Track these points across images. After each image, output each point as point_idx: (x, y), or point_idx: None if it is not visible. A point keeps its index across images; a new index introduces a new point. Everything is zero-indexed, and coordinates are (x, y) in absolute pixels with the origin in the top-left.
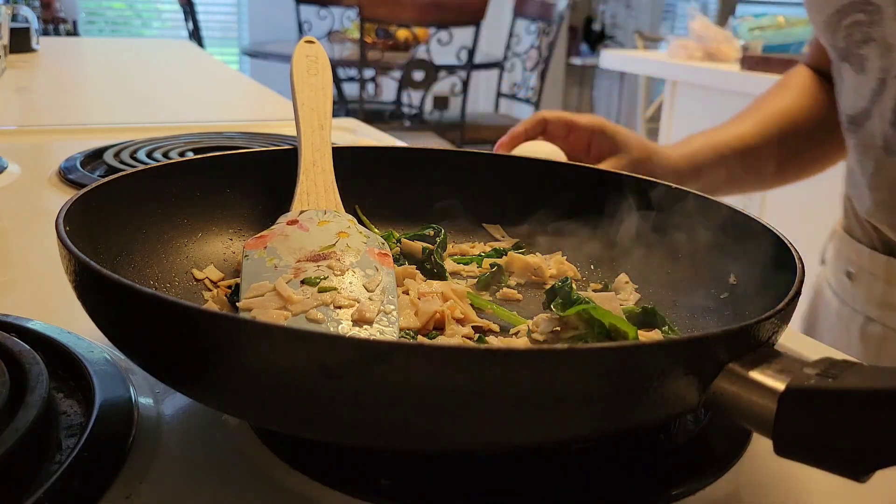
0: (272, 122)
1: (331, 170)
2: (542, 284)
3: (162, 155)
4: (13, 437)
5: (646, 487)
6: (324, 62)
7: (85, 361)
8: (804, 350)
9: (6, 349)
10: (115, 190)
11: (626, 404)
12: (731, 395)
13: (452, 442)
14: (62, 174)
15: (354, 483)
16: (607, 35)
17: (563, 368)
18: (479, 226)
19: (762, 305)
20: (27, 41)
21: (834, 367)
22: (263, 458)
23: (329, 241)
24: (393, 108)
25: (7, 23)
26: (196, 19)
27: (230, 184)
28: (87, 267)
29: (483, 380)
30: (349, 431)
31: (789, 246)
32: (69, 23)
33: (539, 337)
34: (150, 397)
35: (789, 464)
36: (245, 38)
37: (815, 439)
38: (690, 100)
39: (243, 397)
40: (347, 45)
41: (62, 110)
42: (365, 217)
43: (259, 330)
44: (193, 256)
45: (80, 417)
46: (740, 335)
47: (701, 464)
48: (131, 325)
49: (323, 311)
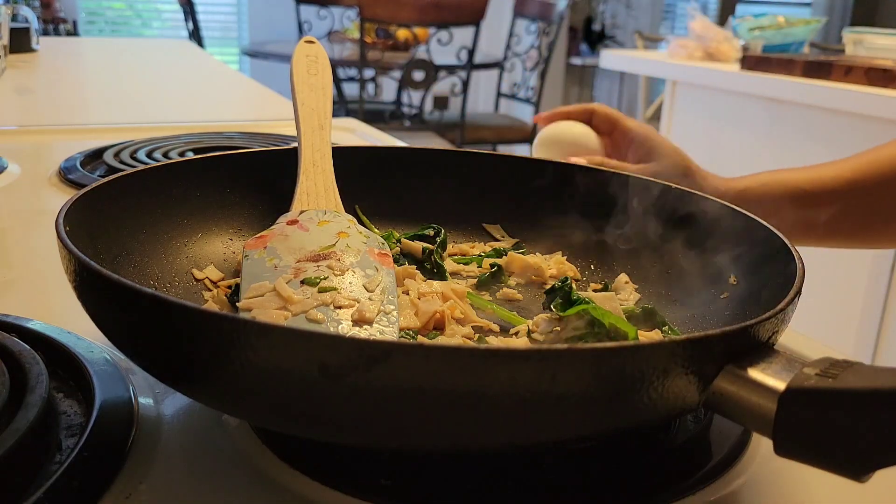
0: (272, 122)
1: (331, 170)
2: (542, 284)
3: (162, 155)
4: (13, 437)
5: (646, 487)
6: (324, 62)
7: (85, 361)
8: (804, 350)
9: (6, 349)
10: (115, 190)
11: (627, 404)
12: (731, 395)
13: (452, 442)
14: (62, 174)
15: (354, 483)
16: (607, 35)
17: (563, 368)
18: (479, 226)
19: (762, 305)
20: (27, 41)
21: (834, 367)
22: (263, 458)
23: (329, 241)
24: (393, 108)
25: (7, 23)
26: (196, 19)
27: (230, 184)
28: (87, 267)
29: (483, 380)
30: (349, 431)
31: (789, 246)
32: (69, 23)
33: (539, 337)
34: (150, 397)
35: (789, 464)
36: (245, 38)
37: (815, 439)
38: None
39: (243, 397)
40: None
41: (62, 110)
42: (365, 217)
43: (259, 330)
44: (193, 256)
45: (80, 417)
46: (740, 335)
47: (701, 464)
48: (131, 325)
49: (323, 311)
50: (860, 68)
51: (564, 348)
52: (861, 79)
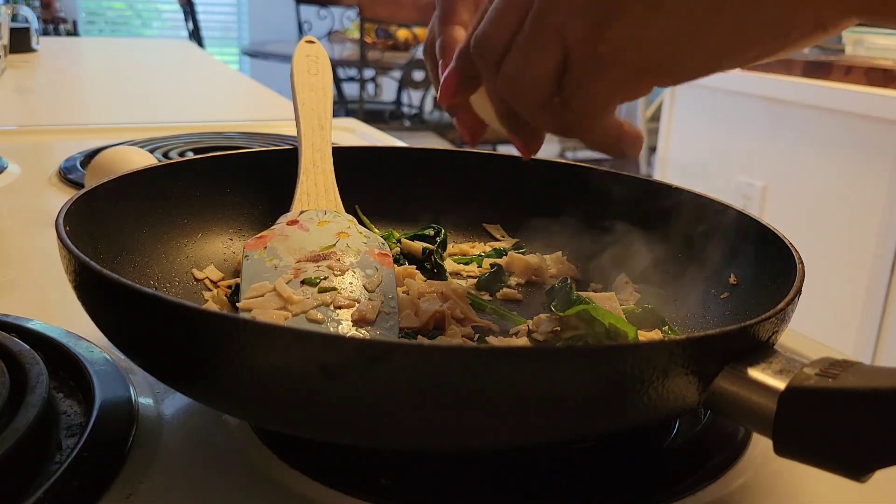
0: (272, 122)
1: (331, 170)
2: (542, 284)
3: (162, 155)
4: (13, 437)
5: (646, 487)
6: (324, 62)
7: (85, 361)
8: (804, 350)
9: (6, 349)
10: (115, 190)
11: (626, 404)
12: (731, 395)
13: (453, 442)
14: (62, 174)
15: (354, 483)
16: None
17: (563, 368)
18: (479, 226)
19: (762, 305)
20: (27, 41)
21: (834, 366)
22: (263, 458)
23: (329, 241)
24: (393, 108)
25: (7, 23)
26: (196, 19)
27: (230, 184)
28: (88, 267)
29: (483, 380)
30: (350, 431)
31: (789, 246)
32: (69, 23)
33: (539, 337)
34: (150, 397)
35: (789, 464)
36: (245, 38)
37: (815, 439)
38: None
39: (244, 397)
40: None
41: (62, 110)
42: (365, 217)
43: (260, 330)
44: (193, 256)
45: (80, 417)
46: (740, 335)
47: (701, 464)
48: (132, 325)
49: (323, 311)
50: (860, 68)
51: (564, 348)
52: (861, 79)
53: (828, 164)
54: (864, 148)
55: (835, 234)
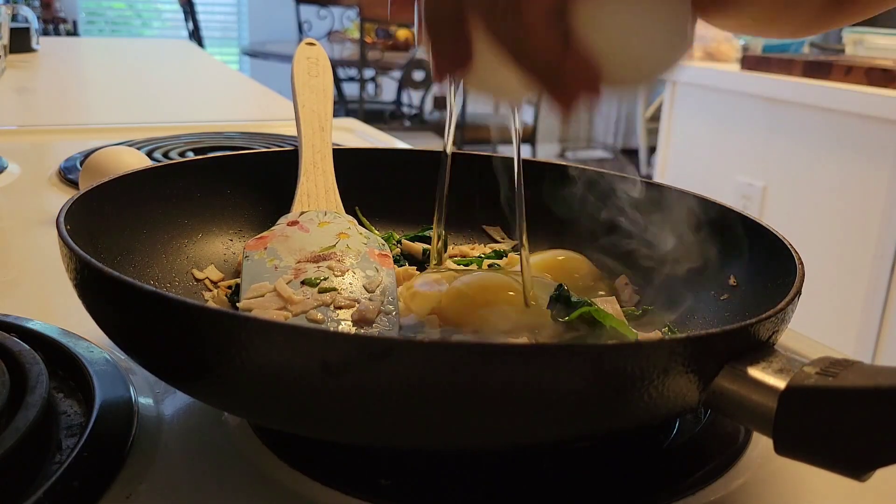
0: (272, 122)
1: (331, 171)
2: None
3: (162, 155)
4: (13, 437)
5: (646, 487)
6: (324, 64)
7: (85, 361)
8: (804, 350)
9: (6, 349)
10: (115, 190)
11: (627, 403)
12: (731, 394)
13: (452, 441)
14: (62, 174)
15: (354, 483)
16: None
17: (563, 368)
18: (478, 227)
19: (762, 307)
20: (27, 41)
21: (834, 365)
22: (263, 458)
23: (329, 242)
24: (393, 108)
25: (7, 23)
26: (196, 19)
27: (230, 184)
28: (89, 265)
29: (483, 377)
30: (350, 430)
31: (789, 246)
32: (69, 23)
33: (539, 337)
34: (150, 397)
35: (789, 464)
36: (245, 38)
37: (815, 438)
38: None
39: (244, 395)
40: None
41: (62, 110)
42: (365, 218)
43: (261, 327)
44: (194, 257)
45: (80, 417)
46: (740, 334)
47: (701, 464)
48: (133, 323)
49: (323, 311)
50: (860, 68)
51: (564, 347)
52: (861, 79)
53: (828, 164)
54: (864, 148)
55: (835, 234)
